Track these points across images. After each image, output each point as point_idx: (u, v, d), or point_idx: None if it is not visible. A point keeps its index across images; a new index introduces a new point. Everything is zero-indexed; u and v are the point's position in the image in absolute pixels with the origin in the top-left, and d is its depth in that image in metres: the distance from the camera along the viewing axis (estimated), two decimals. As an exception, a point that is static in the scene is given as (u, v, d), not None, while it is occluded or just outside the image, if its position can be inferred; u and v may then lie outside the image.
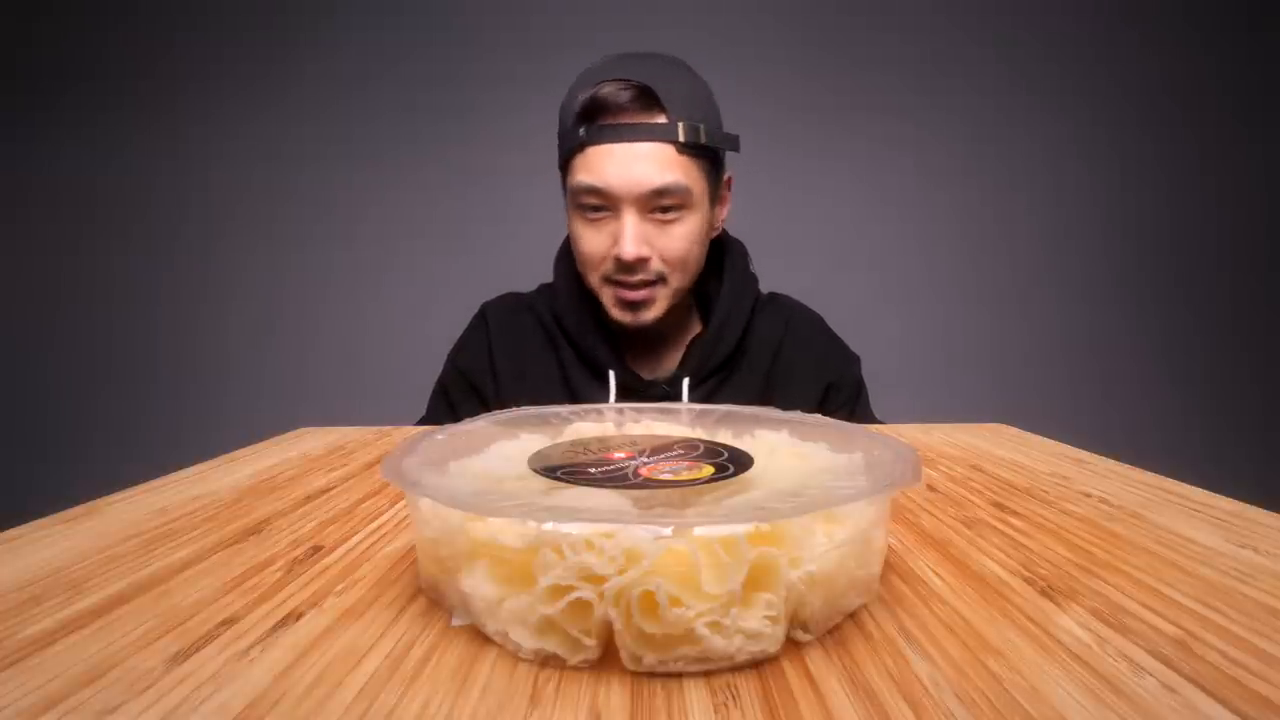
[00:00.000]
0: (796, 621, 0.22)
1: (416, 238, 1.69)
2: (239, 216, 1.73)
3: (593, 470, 0.27)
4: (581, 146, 0.74)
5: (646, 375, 0.81)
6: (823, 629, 0.23)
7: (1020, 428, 0.59)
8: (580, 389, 0.80)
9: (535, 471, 0.27)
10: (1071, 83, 1.69)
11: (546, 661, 0.21)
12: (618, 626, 0.20)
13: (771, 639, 0.21)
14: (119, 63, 1.70)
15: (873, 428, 0.56)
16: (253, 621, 0.24)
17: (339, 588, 0.27)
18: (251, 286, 1.74)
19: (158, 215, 1.73)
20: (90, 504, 0.40)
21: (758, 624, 0.21)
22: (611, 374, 0.78)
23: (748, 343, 0.81)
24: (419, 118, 1.69)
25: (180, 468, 0.49)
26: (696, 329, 0.82)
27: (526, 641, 0.21)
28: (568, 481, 0.26)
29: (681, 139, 0.72)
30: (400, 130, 1.70)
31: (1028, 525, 0.33)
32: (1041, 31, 1.69)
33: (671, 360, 0.82)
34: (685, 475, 0.26)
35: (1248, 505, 0.36)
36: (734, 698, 0.19)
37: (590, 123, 0.73)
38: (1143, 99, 1.69)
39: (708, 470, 0.27)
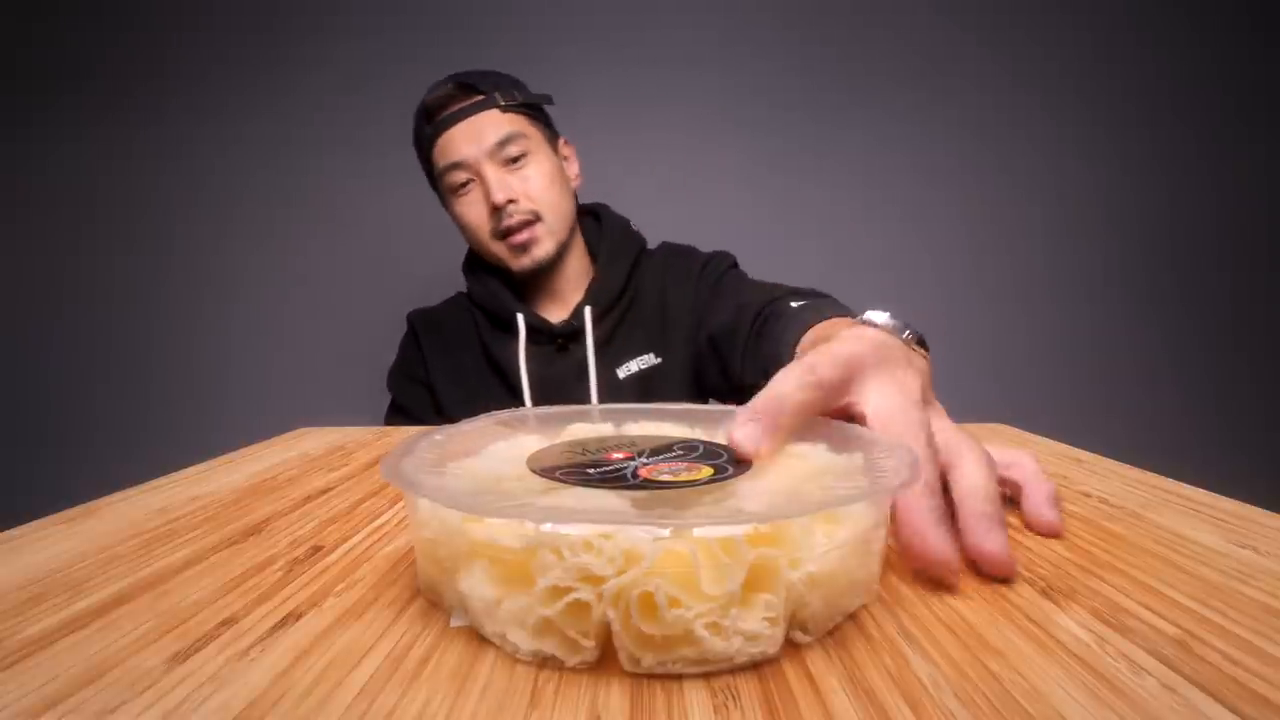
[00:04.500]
0: (796, 622, 0.22)
1: (417, 237, 1.69)
2: (239, 216, 1.73)
3: (591, 471, 0.27)
4: (432, 140, 0.93)
5: (553, 319, 0.94)
6: (822, 630, 0.23)
7: (1020, 428, 0.59)
8: (492, 343, 0.94)
9: (534, 472, 0.27)
10: (1072, 81, 1.69)
11: (545, 663, 0.21)
12: (616, 628, 0.20)
13: (771, 640, 0.21)
14: (118, 63, 1.70)
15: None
16: (253, 621, 0.24)
17: (339, 588, 0.27)
18: (252, 286, 1.74)
19: (157, 215, 1.73)
20: (90, 504, 0.40)
21: (757, 625, 0.21)
22: (520, 317, 0.92)
23: (638, 286, 0.96)
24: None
25: (180, 468, 0.49)
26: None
27: (524, 643, 0.21)
28: (566, 482, 0.25)
29: (502, 103, 0.90)
30: (400, 130, 1.70)
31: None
32: (1042, 30, 1.69)
33: (574, 306, 0.95)
34: (684, 476, 0.26)
35: (1248, 505, 0.36)
36: (734, 698, 0.19)
37: (431, 122, 0.93)
38: (1143, 98, 1.69)
39: (707, 471, 0.26)
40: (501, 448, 0.32)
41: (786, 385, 0.30)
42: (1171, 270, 1.71)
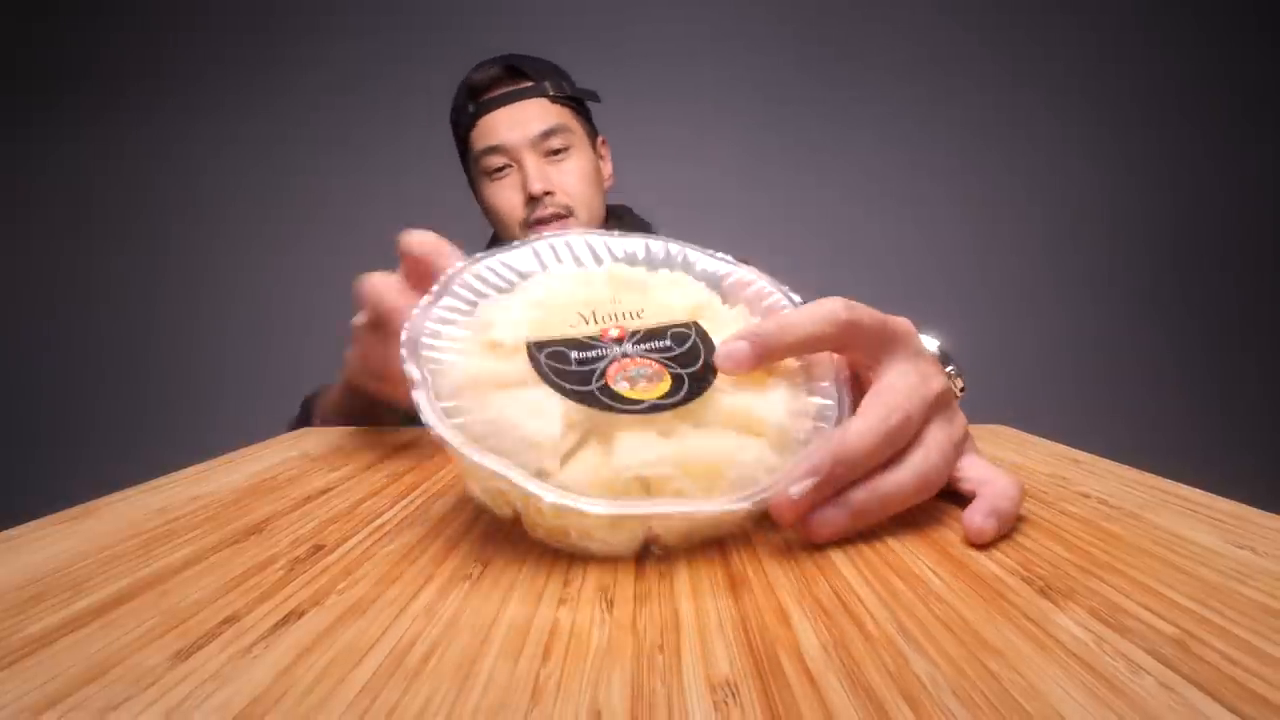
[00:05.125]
0: (651, 537, 0.28)
1: (416, 238, 1.70)
2: (237, 216, 1.73)
3: (574, 357, 0.31)
4: (474, 120, 0.90)
5: None
6: (677, 548, 0.29)
7: (1021, 429, 0.59)
8: None
9: (529, 347, 0.31)
10: (1077, 82, 1.69)
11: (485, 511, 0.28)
12: (524, 517, 0.29)
13: (628, 547, 0.28)
14: (115, 63, 1.70)
15: None
16: (254, 620, 0.24)
17: (341, 586, 0.27)
18: (251, 286, 1.74)
19: (156, 215, 1.73)
20: (90, 504, 0.40)
21: (621, 542, 0.28)
22: None
23: None
24: (416, 117, 1.69)
25: (180, 468, 0.49)
26: None
27: (476, 493, 0.30)
28: (540, 372, 0.30)
29: (551, 93, 0.89)
30: (398, 129, 1.70)
31: (1026, 525, 0.33)
32: (1046, 30, 1.69)
33: None
34: (639, 390, 0.30)
35: (1245, 506, 0.36)
36: (734, 696, 0.19)
37: (475, 101, 0.90)
38: (1149, 98, 1.70)
39: (660, 389, 0.30)
40: (527, 290, 0.35)
41: (800, 317, 0.31)
42: (1174, 271, 1.72)
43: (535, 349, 0.31)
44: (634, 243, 0.40)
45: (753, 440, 0.30)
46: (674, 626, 0.23)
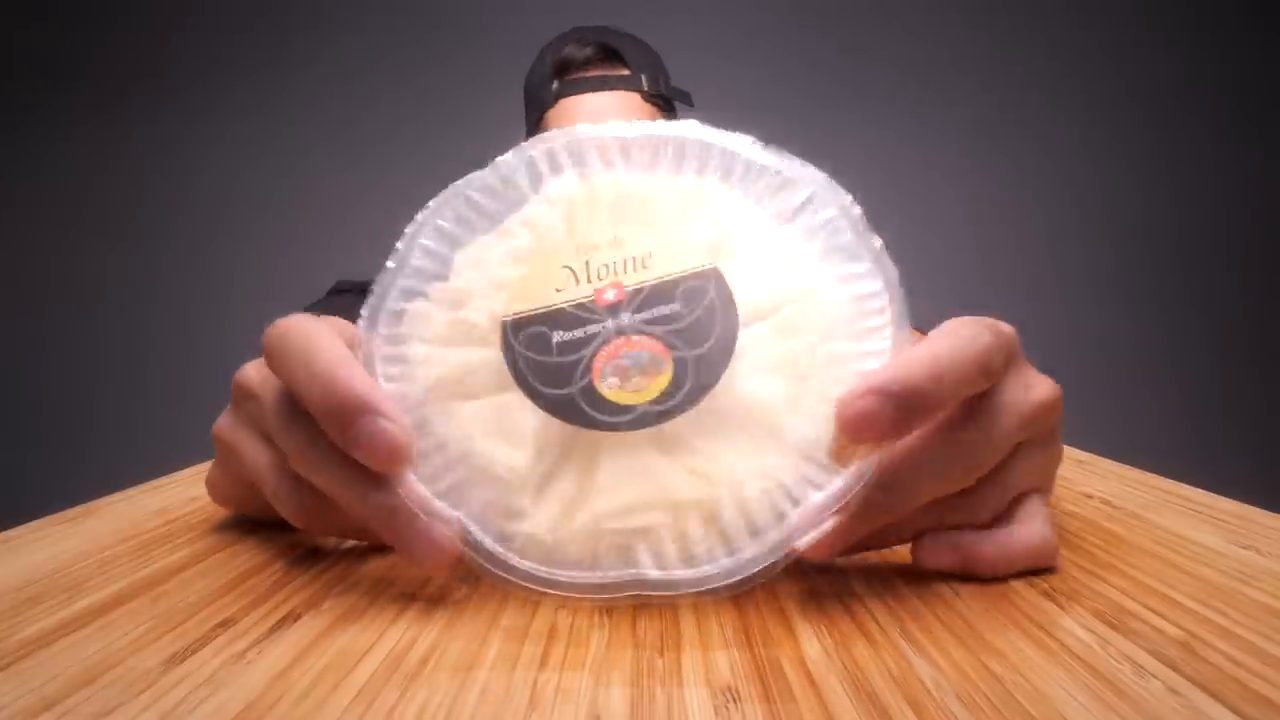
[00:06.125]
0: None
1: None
2: (235, 215, 1.73)
3: (555, 341, 0.25)
4: (555, 100, 0.81)
5: None
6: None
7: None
8: None
9: (505, 328, 0.25)
10: (1080, 82, 1.69)
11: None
12: None
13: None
14: (111, 63, 1.71)
15: None
16: (251, 623, 0.24)
17: (337, 589, 0.27)
18: (250, 285, 1.74)
19: (155, 214, 1.73)
20: (90, 504, 0.40)
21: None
22: None
23: None
24: (414, 115, 1.69)
25: (180, 468, 0.49)
26: None
27: None
28: (518, 372, 0.24)
29: (646, 88, 0.80)
30: (395, 128, 1.70)
31: (1029, 526, 0.33)
32: (1049, 29, 1.69)
33: None
34: (633, 387, 0.24)
35: (1247, 506, 0.35)
36: (734, 699, 0.19)
37: (561, 79, 0.81)
38: (1152, 98, 1.69)
39: (660, 383, 0.24)
40: (519, 226, 0.28)
41: (956, 359, 0.21)
42: (1177, 271, 1.72)
43: (512, 331, 0.25)
44: (651, 133, 0.29)
45: (769, 457, 0.23)
46: (674, 630, 0.23)
